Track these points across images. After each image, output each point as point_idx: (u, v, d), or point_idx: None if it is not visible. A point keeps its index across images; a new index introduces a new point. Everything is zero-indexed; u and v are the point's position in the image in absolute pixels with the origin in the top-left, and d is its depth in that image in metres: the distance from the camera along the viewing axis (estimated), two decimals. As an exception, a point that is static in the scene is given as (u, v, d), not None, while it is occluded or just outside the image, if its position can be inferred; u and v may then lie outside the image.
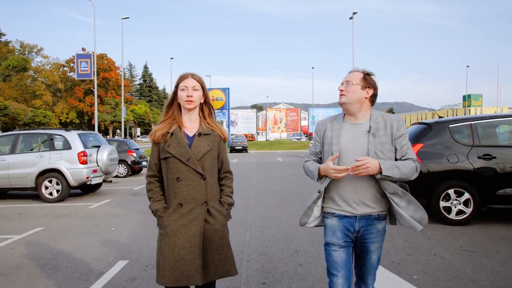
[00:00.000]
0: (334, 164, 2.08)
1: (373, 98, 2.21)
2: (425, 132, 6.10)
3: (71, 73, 53.81)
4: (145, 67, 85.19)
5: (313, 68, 51.42)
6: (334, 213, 2.19)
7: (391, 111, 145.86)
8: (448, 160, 5.74)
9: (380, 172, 2.00)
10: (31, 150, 9.04)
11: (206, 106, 2.31)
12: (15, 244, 5.20)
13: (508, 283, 3.54)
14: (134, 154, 14.60)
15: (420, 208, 2.14)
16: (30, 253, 4.76)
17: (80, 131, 9.51)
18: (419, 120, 7.07)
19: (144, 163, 15.28)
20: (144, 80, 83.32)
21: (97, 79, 26.08)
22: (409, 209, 2.11)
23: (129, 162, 14.41)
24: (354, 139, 2.15)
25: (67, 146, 8.87)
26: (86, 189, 10.01)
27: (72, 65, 52.89)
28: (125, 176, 14.19)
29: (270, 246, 4.83)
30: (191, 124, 2.25)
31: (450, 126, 5.97)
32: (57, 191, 8.71)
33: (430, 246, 4.67)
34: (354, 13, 28.44)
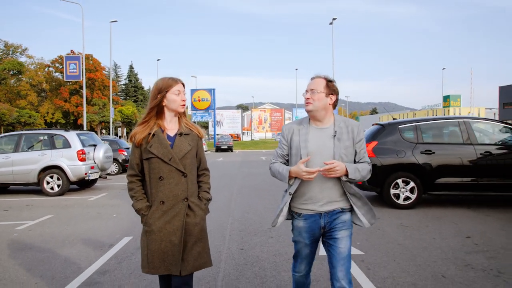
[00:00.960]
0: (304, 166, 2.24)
1: (335, 103, 2.38)
2: (379, 132, 7.27)
3: (57, 73, 53.83)
4: (131, 67, 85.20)
5: (296, 69, 52.71)
6: (301, 214, 2.37)
7: (374, 111, 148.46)
8: (397, 155, 6.90)
9: (346, 175, 2.22)
10: (33, 149, 9.89)
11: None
12: (33, 227, 6.13)
13: (427, 246, 4.68)
14: (125, 153, 15.48)
15: (372, 210, 2.44)
16: (48, 233, 5.72)
17: (78, 131, 10.42)
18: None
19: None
20: (130, 80, 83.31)
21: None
22: (363, 209, 2.37)
23: (120, 161, 15.28)
24: (321, 143, 2.31)
25: (67, 145, 9.76)
26: (83, 185, 10.88)
27: (57, 65, 52.96)
28: (116, 174, 15.05)
29: (248, 225, 5.89)
30: (172, 125, 2.37)
31: (399, 126, 7.15)
32: (58, 185, 9.58)
33: (377, 224, 5.80)
34: (334, 19, 29.83)
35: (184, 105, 2.36)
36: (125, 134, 55.47)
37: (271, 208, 7.14)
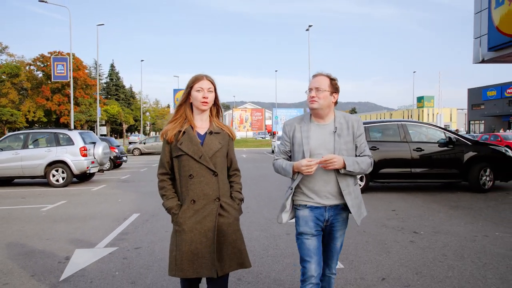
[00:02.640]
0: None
1: (336, 101, 2.42)
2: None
3: (38, 72, 53.91)
4: (112, 66, 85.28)
5: (276, 71, 54.45)
6: (306, 205, 2.37)
7: (353, 111, 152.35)
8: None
9: (344, 167, 2.25)
10: (40, 145, 11.18)
11: (214, 107, 2.39)
12: (54, 209, 7.54)
13: (366, 220, 6.35)
14: (116, 150, 16.79)
15: (363, 207, 2.52)
16: (70, 212, 7.15)
17: (80, 130, 11.77)
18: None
19: (124, 158, 17.51)
20: (111, 79, 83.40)
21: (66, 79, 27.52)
22: (356, 208, 2.41)
23: (112, 157, 16.56)
24: (322, 139, 2.35)
25: (70, 142, 11.10)
26: (82, 178, 12.19)
27: (39, 63, 53.07)
28: (108, 169, 16.35)
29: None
30: (202, 123, 2.33)
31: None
32: (63, 178, 10.91)
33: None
34: (310, 26, 31.69)
35: (205, 102, 2.27)
36: (109, 133, 56.17)
37: (249, 197, 8.72)
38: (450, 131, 8.96)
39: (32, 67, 53.94)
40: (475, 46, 11.68)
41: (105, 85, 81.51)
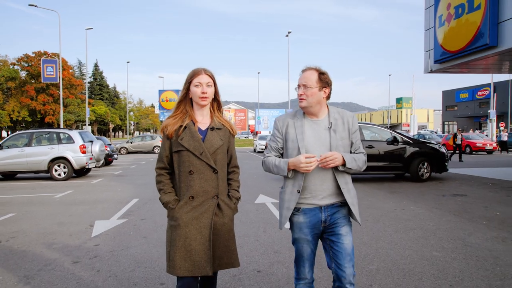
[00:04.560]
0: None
1: (329, 95, 2.30)
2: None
3: (22, 72, 54.17)
4: (96, 65, 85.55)
5: (258, 73, 56.13)
6: (299, 209, 2.27)
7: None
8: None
9: (344, 164, 2.18)
10: (43, 143, 12.55)
11: (215, 102, 2.34)
12: (65, 196, 8.98)
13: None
14: (108, 149, 18.12)
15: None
16: (79, 198, 8.63)
17: (79, 130, 13.17)
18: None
19: (115, 155, 18.88)
20: (95, 79, 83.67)
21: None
22: (356, 206, 2.31)
23: (104, 155, 17.91)
24: (317, 135, 2.27)
25: (71, 140, 12.49)
26: (79, 173, 13.57)
27: (23, 63, 53.38)
28: (101, 166, 17.67)
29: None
30: (203, 119, 2.29)
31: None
32: (64, 172, 12.30)
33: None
34: (289, 32, 33.47)
35: (204, 98, 2.23)
36: (96, 132, 56.89)
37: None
38: (397, 132, 10.76)
39: (16, 67, 54.16)
40: (425, 59, 13.54)
41: (88, 84, 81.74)
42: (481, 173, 12.59)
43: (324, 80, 2.26)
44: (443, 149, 10.52)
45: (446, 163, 10.38)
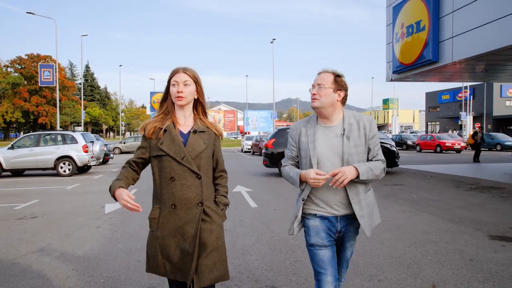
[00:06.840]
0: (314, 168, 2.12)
1: (344, 99, 2.23)
2: (277, 133, 12.52)
3: (15, 74, 55.25)
4: (87, 67, 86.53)
5: (247, 76, 58.01)
6: (316, 214, 2.22)
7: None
8: (285, 146, 12.20)
9: (358, 177, 2.09)
10: (50, 144, 14.21)
11: (198, 103, 2.22)
12: (74, 188, 10.67)
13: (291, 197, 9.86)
14: (105, 148, 19.77)
15: (378, 216, 2.36)
16: (88, 189, 10.34)
17: (81, 132, 14.88)
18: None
19: (111, 155, 20.55)
20: (86, 80, 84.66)
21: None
22: (366, 218, 2.22)
23: (103, 154, 19.55)
24: (329, 143, 2.19)
25: (74, 141, 14.17)
26: (81, 170, 15.22)
27: (16, 65, 54.47)
28: (99, 164, 19.33)
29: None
30: (185, 121, 2.17)
31: (287, 130, 12.43)
32: (69, 169, 13.97)
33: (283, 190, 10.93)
34: (274, 39, 35.31)
35: (179, 97, 2.08)
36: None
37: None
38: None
39: (10, 69, 55.22)
40: (387, 69, 15.48)
41: (80, 85, 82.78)
42: (431, 168, 14.56)
43: (339, 83, 2.21)
44: (394, 148, 12.44)
45: (396, 159, 12.29)
